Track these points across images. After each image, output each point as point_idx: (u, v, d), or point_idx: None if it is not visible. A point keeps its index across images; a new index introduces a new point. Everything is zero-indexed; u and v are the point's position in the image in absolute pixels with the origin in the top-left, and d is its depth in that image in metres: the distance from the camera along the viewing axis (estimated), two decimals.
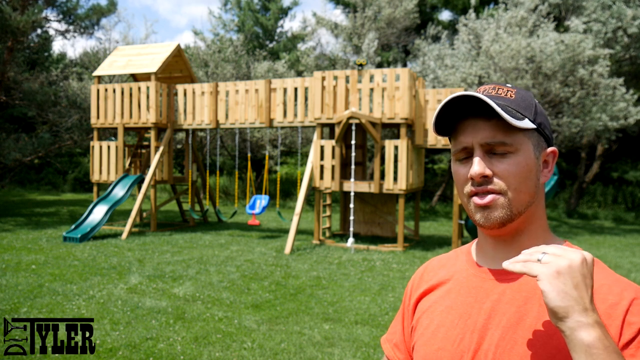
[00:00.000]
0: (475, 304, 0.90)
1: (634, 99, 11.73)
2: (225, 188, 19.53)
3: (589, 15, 12.57)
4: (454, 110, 0.89)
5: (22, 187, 22.40)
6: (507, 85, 0.92)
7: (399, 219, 9.32)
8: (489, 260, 0.94)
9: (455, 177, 0.92)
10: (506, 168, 0.86)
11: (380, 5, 17.64)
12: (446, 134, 0.94)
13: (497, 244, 0.92)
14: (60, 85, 17.55)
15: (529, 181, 0.87)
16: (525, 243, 0.90)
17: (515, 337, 0.83)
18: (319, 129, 9.85)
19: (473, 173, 0.86)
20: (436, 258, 1.08)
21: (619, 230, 13.05)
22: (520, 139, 0.87)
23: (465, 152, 0.89)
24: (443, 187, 17.57)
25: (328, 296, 5.96)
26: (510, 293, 0.88)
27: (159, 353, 4.11)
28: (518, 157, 0.86)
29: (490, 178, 0.86)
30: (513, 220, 0.87)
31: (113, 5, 16.21)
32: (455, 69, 12.69)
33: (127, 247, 9.00)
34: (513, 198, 0.86)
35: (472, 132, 0.88)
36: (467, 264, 0.98)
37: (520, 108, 0.88)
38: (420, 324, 0.98)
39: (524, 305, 0.85)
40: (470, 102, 0.87)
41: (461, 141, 0.89)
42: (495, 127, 0.86)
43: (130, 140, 16.94)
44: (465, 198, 0.90)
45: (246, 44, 20.79)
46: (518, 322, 0.84)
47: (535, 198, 0.89)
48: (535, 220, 0.91)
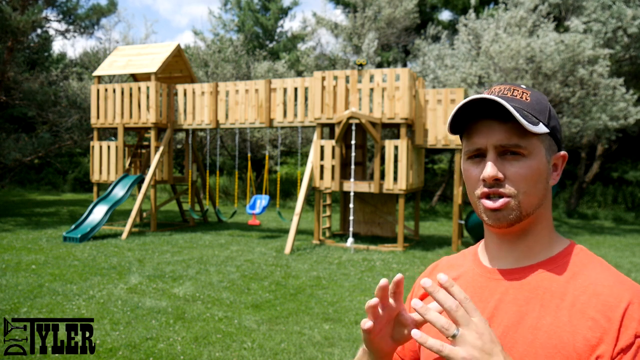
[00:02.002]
0: (480, 303, 0.91)
1: (634, 99, 11.73)
2: (225, 188, 19.53)
3: (589, 15, 12.57)
4: (469, 111, 0.89)
5: (22, 187, 22.40)
6: (522, 86, 0.92)
7: (399, 219, 9.32)
8: (494, 260, 0.95)
9: (466, 176, 0.92)
10: (518, 171, 0.86)
11: (380, 5, 17.63)
12: (458, 132, 0.94)
13: (502, 244, 0.93)
14: (60, 85, 17.55)
15: (539, 184, 0.88)
16: (530, 242, 0.91)
17: (516, 336, 0.84)
18: (319, 129, 9.85)
19: (486, 175, 0.86)
20: (445, 258, 1.08)
21: (619, 230, 13.05)
22: (534, 143, 0.87)
23: (478, 152, 0.90)
24: (443, 187, 17.57)
25: (328, 296, 5.96)
26: (512, 292, 0.88)
27: (159, 353, 4.11)
28: (530, 161, 0.87)
29: (502, 181, 0.87)
30: (521, 221, 0.88)
31: (113, 5, 16.21)
32: (455, 69, 12.70)
33: (127, 247, 9.00)
34: (523, 201, 0.87)
35: (486, 134, 0.87)
36: (473, 263, 0.99)
37: (535, 112, 0.88)
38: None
39: (525, 304, 0.86)
40: (486, 104, 0.86)
41: (475, 142, 0.89)
42: (510, 130, 0.86)
43: (130, 140, 16.94)
44: (475, 198, 0.90)
45: (246, 44, 20.80)
46: (519, 322, 0.85)
47: (544, 200, 0.90)
48: (541, 221, 0.91)
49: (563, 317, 0.82)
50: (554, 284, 0.86)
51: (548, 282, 0.86)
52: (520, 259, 0.91)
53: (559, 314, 0.82)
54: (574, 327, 0.80)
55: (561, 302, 0.83)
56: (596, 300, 0.81)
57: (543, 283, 0.87)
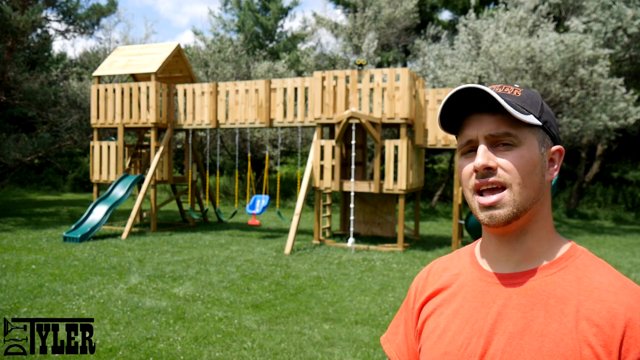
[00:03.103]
0: (481, 308, 0.89)
1: (634, 99, 11.72)
2: (225, 188, 19.52)
3: (589, 15, 12.57)
4: (460, 106, 0.90)
5: (22, 187, 22.39)
6: (515, 85, 0.92)
7: (399, 219, 9.32)
8: (492, 263, 0.93)
9: (460, 172, 0.92)
10: (510, 160, 0.86)
11: (380, 5, 17.64)
12: (453, 131, 0.94)
13: (501, 245, 0.91)
14: (60, 85, 17.55)
15: (533, 176, 0.87)
16: (530, 243, 0.89)
17: (522, 343, 0.82)
18: (319, 129, 9.85)
19: (477, 164, 0.86)
20: (439, 260, 1.07)
21: (619, 230, 13.05)
22: (525, 133, 0.87)
23: (470, 145, 0.90)
24: (443, 187, 17.57)
25: (328, 296, 5.96)
26: (516, 298, 0.87)
27: (159, 353, 4.11)
28: (522, 151, 0.86)
29: (494, 170, 0.86)
30: (518, 218, 0.87)
31: (113, 5, 16.21)
32: (455, 69, 12.69)
33: (127, 247, 9.00)
34: (517, 192, 0.85)
35: (477, 125, 0.88)
36: (471, 266, 0.97)
37: (525, 105, 0.88)
38: (426, 327, 0.97)
39: (530, 311, 0.84)
40: (476, 97, 0.87)
41: (466, 134, 0.90)
42: (500, 120, 0.86)
43: (130, 140, 16.94)
44: (469, 194, 0.90)
45: (246, 44, 20.79)
46: (525, 329, 0.83)
47: (540, 195, 0.88)
48: (540, 220, 0.90)
49: (569, 324, 0.80)
50: (558, 289, 0.84)
51: (552, 287, 0.85)
52: (521, 263, 0.90)
53: (564, 320, 0.81)
54: (580, 334, 0.79)
55: (566, 307, 0.82)
56: (601, 306, 0.80)
57: (547, 288, 0.85)
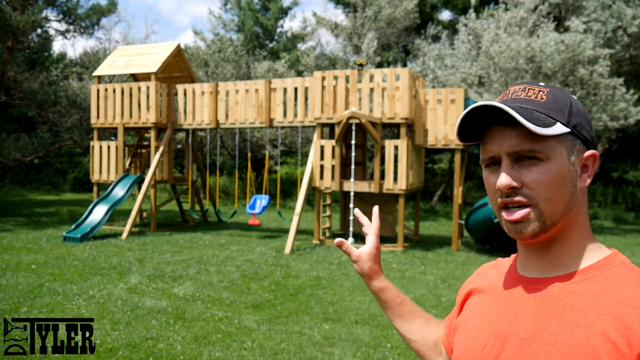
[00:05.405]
0: (503, 310, 0.88)
1: (634, 99, 11.72)
2: (225, 188, 19.52)
3: (589, 15, 12.57)
4: (479, 118, 0.85)
5: (22, 187, 22.38)
6: (540, 84, 0.86)
7: (399, 219, 9.32)
8: (523, 268, 0.91)
9: (486, 185, 0.89)
10: (536, 177, 0.80)
11: (380, 5, 17.64)
12: (475, 140, 0.90)
13: (530, 252, 0.89)
14: (60, 85, 17.56)
15: (562, 189, 0.81)
16: (559, 251, 0.85)
17: (530, 351, 0.80)
18: (319, 129, 9.85)
19: (500, 185, 0.82)
20: (500, 259, 1.04)
21: (619, 230, 13.05)
22: (552, 145, 0.81)
23: (493, 160, 0.86)
24: (443, 187, 17.57)
25: (328, 296, 5.96)
26: (533, 304, 0.84)
27: (159, 353, 4.11)
28: (549, 165, 0.80)
29: (519, 189, 0.81)
30: (547, 231, 0.82)
31: (113, 5, 16.21)
32: (455, 69, 12.70)
33: (127, 247, 9.00)
34: (545, 209, 0.81)
35: (498, 141, 0.83)
36: (509, 268, 0.96)
37: (551, 111, 0.82)
38: (460, 323, 0.98)
39: (543, 318, 0.81)
40: (494, 109, 0.81)
41: (488, 150, 0.85)
42: (521, 134, 0.81)
43: (130, 140, 16.94)
44: (495, 207, 0.87)
45: (246, 44, 20.79)
46: (534, 336, 0.80)
47: (571, 205, 0.83)
48: (573, 229, 0.85)
49: (580, 336, 0.75)
50: (577, 299, 0.80)
51: (570, 297, 0.80)
52: (546, 269, 0.86)
53: (575, 332, 0.76)
54: (592, 349, 0.74)
55: (580, 318, 0.77)
56: (620, 323, 0.73)
57: (565, 297, 0.81)
